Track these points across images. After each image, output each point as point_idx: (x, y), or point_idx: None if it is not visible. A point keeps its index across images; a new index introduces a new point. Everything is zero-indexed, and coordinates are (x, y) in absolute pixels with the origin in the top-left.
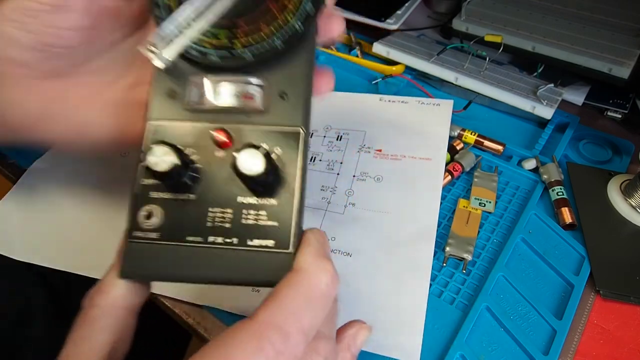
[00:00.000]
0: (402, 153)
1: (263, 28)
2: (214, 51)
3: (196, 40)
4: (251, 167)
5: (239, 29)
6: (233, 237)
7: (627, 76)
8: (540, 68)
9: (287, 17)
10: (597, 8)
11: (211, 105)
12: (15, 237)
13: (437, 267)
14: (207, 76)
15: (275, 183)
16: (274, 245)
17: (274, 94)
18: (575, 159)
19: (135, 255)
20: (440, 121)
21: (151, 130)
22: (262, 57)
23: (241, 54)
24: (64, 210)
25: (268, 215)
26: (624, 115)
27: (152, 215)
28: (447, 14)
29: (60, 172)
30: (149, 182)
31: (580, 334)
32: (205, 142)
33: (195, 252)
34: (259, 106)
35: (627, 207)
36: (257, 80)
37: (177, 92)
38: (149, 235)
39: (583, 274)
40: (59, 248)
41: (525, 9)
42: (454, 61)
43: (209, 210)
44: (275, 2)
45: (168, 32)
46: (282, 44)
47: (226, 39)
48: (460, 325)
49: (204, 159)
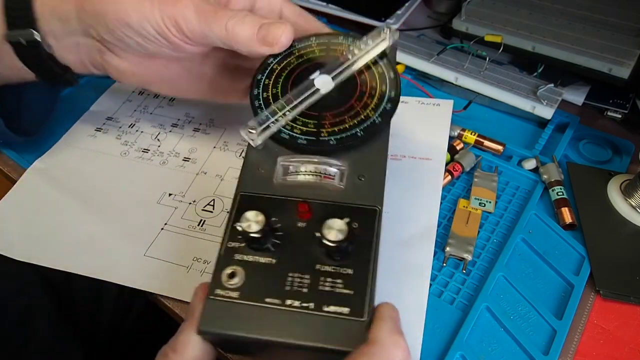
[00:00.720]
0: (402, 153)
1: (347, 121)
2: (303, 136)
3: (288, 126)
4: (335, 235)
5: (325, 120)
6: (310, 302)
7: (627, 76)
8: (540, 68)
9: (368, 113)
10: (597, 8)
11: (295, 182)
12: (15, 237)
13: (437, 267)
14: (294, 156)
15: (353, 253)
16: (348, 312)
17: (353, 175)
18: (575, 159)
19: (215, 312)
20: (441, 121)
21: (241, 200)
22: (344, 143)
23: (326, 139)
24: (64, 210)
25: (344, 283)
26: (624, 115)
27: (235, 275)
28: (447, 14)
29: (60, 172)
30: (234, 244)
31: (580, 334)
32: (288, 213)
33: (273, 313)
34: (339, 185)
35: (627, 207)
36: (338, 163)
37: (266, 168)
38: (230, 294)
39: (583, 274)
40: (59, 248)
41: (525, 9)
42: (454, 61)
43: (288, 275)
44: (358, 101)
45: (264, 119)
46: (362, 133)
47: (314, 127)
48: (460, 325)
49: (286, 228)
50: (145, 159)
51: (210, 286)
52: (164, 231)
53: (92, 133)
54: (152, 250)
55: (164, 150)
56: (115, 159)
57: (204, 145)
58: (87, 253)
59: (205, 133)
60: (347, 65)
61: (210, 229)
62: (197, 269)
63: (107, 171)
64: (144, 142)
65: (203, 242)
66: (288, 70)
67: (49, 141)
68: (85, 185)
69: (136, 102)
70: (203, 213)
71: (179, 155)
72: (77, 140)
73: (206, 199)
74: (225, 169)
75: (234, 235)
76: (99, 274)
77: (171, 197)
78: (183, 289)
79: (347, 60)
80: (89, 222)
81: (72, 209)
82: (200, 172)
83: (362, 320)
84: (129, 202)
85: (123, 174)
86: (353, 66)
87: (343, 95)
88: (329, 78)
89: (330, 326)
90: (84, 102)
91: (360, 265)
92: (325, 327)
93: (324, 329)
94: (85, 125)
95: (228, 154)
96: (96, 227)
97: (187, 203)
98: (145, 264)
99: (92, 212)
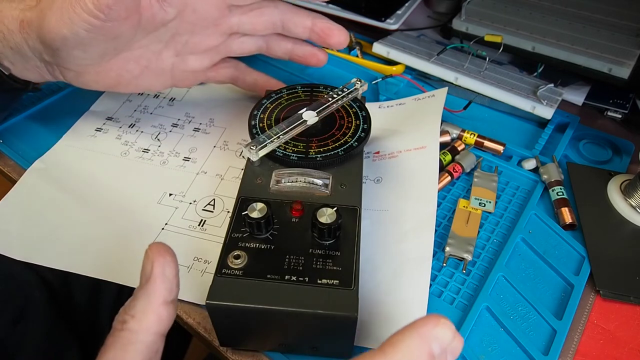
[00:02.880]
0: (398, 149)
1: (330, 144)
2: (294, 154)
3: (281, 147)
4: (326, 219)
5: (312, 143)
6: (306, 277)
7: (627, 76)
8: (540, 68)
9: (347, 139)
10: (597, 8)
11: (288, 189)
12: (15, 237)
13: (437, 267)
14: (287, 169)
15: (340, 239)
16: (339, 284)
17: (336, 184)
18: (575, 159)
19: (222, 287)
20: (433, 109)
21: (242, 202)
22: (328, 160)
23: (314, 157)
24: (64, 210)
25: (333, 262)
26: (624, 115)
27: (239, 257)
28: (447, 14)
29: (60, 172)
30: (238, 235)
31: (580, 334)
32: (284, 212)
33: (274, 286)
34: (326, 191)
35: (627, 207)
36: (324, 174)
37: (263, 179)
38: (235, 273)
39: (583, 274)
40: (59, 248)
41: (525, 9)
42: (454, 61)
43: (285, 257)
44: (338, 131)
45: (261, 140)
46: (342, 152)
47: (303, 148)
48: (460, 325)
49: (282, 222)
50: (146, 159)
51: (217, 267)
52: (164, 231)
53: (92, 133)
54: None
55: (164, 150)
56: (115, 159)
57: (204, 145)
58: (87, 253)
59: (205, 133)
60: (328, 105)
61: (211, 228)
62: (197, 269)
63: (107, 171)
64: (144, 142)
65: (203, 242)
66: (279, 109)
67: (49, 141)
68: (85, 185)
69: (136, 102)
70: (203, 213)
71: (179, 155)
72: (77, 140)
73: (206, 199)
74: (225, 169)
75: (237, 227)
76: (99, 274)
77: (171, 197)
78: (183, 289)
79: (328, 102)
80: (89, 222)
81: (72, 209)
82: (201, 172)
83: (350, 289)
84: (129, 202)
85: (123, 174)
86: (333, 105)
87: (326, 127)
88: (314, 113)
89: (323, 295)
90: (84, 102)
91: (346, 248)
92: (320, 295)
93: (318, 297)
94: (85, 125)
95: (228, 154)
96: (96, 227)
97: (187, 203)
98: None
99: (92, 212)
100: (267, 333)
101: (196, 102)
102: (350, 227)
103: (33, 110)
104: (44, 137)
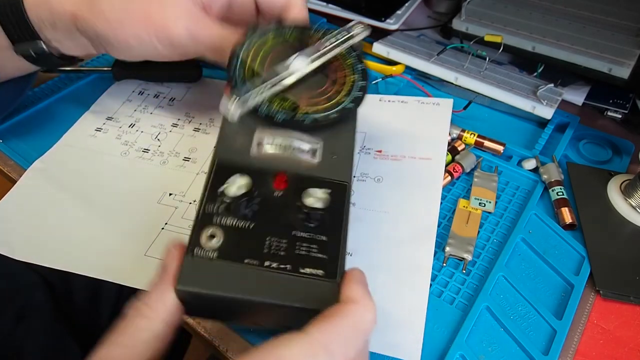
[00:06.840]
0: (402, 153)
1: (321, 103)
2: (280, 113)
3: (265, 103)
4: (315, 202)
5: (302, 101)
6: (287, 264)
7: (627, 76)
8: (540, 68)
9: (341, 99)
10: (597, 8)
11: (271, 155)
12: (15, 237)
13: (437, 267)
14: (271, 130)
15: (327, 222)
16: (323, 274)
17: (326, 153)
18: (575, 159)
19: (193, 271)
20: (440, 120)
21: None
22: (318, 123)
23: (302, 118)
24: (64, 210)
25: (318, 249)
26: (624, 115)
27: (215, 236)
28: (447, 14)
29: (60, 172)
30: (214, 208)
31: (580, 334)
32: (265, 183)
33: (251, 272)
34: (313, 160)
35: (627, 207)
36: (313, 139)
37: (243, 141)
38: (209, 255)
39: (583, 274)
40: (59, 248)
41: (525, 9)
42: (454, 61)
43: (266, 239)
44: (331, 87)
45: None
46: (335, 115)
47: (291, 106)
48: (460, 325)
49: (263, 196)
50: (146, 158)
51: (188, 246)
52: (164, 231)
53: (92, 133)
54: (152, 250)
55: (164, 150)
56: (115, 158)
57: (204, 145)
58: (87, 253)
59: (205, 133)
60: (323, 52)
61: None
62: None
63: (107, 171)
64: (144, 142)
65: None
66: (265, 49)
67: (49, 141)
68: (85, 185)
69: (136, 102)
70: None
71: (179, 155)
72: (77, 140)
73: None
74: None
75: (211, 198)
76: (99, 274)
77: (171, 196)
78: None
79: (323, 47)
80: (89, 222)
81: (72, 209)
82: (201, 172)
83: (335, 281)
84: (129, 202)
85: (123, 173)
86: (328, 54)
87: (318, 80)
88: (306, 60)
89: (306, 286)
90: (83, 103)
91: (333, 233)
92: (301, 286)
93: (300, 289)
94: (85, 125)
95: None
96: (96, 227)
97: (187, 203)
98: (145, 263)
99: (92, 212)
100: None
101: (196, 102)
102: (339, 207)
103: (33, 110)
104: (44, 137)
